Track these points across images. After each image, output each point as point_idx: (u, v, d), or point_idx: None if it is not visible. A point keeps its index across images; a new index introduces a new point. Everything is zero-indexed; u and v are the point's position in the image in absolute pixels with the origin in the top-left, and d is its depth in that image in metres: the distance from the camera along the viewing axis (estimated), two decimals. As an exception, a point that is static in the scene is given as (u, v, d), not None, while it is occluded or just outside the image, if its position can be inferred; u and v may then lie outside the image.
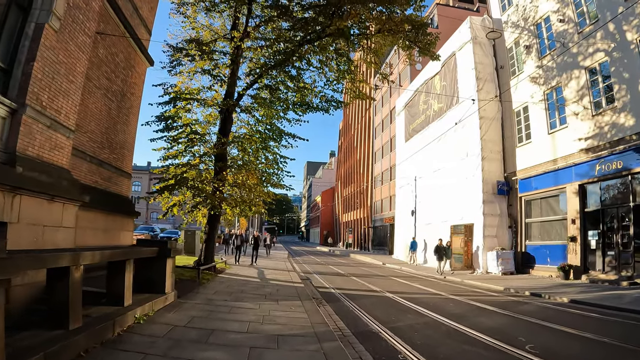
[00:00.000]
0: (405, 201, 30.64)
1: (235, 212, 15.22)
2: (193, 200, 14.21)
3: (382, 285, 14.26)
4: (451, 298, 11.72)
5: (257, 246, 19.91)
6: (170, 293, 7.98)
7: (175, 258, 11.56)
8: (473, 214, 20.86)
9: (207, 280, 12.10)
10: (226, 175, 13.92)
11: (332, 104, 15.29)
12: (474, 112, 21.59)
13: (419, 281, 16.39)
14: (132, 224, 17.54)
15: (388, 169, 42.00)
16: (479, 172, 20.79)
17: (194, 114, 16.58)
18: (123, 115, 16.98)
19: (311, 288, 12.27)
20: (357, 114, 60.38)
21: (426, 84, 28.74)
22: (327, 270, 20.99)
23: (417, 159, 28.58)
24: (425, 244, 28.71)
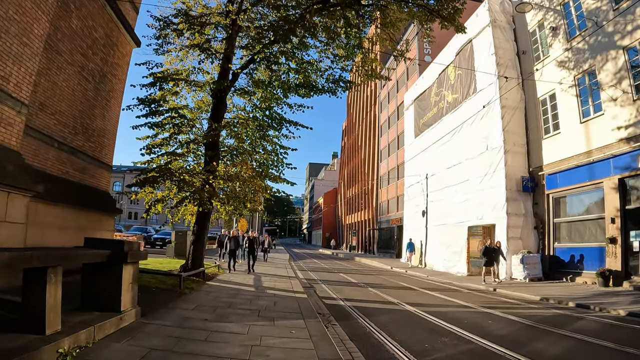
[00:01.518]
0: (415, 201, 28.55)
1: (228, 210, 13.17)
2: (178, 195, 12.17)
3: (398, 294, 12.21)
4: (485, 312, 9.65)
5: (253, 250, 16.71)
6: (128, 311, 5.94)
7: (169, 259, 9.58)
8: (494, 213, 18.77)
9: (191, 289, 10.05)
10: (216, 166, 11.86)
11: (340, 85, 13.27)
12: (494, 100, 19.55)
13: (438, 290, 14.31)
14: (112, 222, 15.49)
15: (395, 168, 39.94)
16: (501, 167, 18.71)
17: (183, 98, 14.61)
18: (102, 99, 14.96)
19: (316, 299, 10.23)
20: (362, 112, 58.37)
21: (438, 74, 26.68)
22: (333, 276, 18.91)
23: (429, 155, 26.52)
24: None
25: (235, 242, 16.70)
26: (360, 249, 53.64)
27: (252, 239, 16.80)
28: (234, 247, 16.56)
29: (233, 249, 16.46)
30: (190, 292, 9.65)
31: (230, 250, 16.35)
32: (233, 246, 16.46)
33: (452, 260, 21.86)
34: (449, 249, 22.38)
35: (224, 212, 13.70)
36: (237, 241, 16.91)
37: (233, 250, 16.45)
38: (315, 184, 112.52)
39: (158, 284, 10.03)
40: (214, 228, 40.44)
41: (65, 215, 12.18)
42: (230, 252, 16.38)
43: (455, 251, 21.66)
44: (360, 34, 12.84)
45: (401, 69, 41.04)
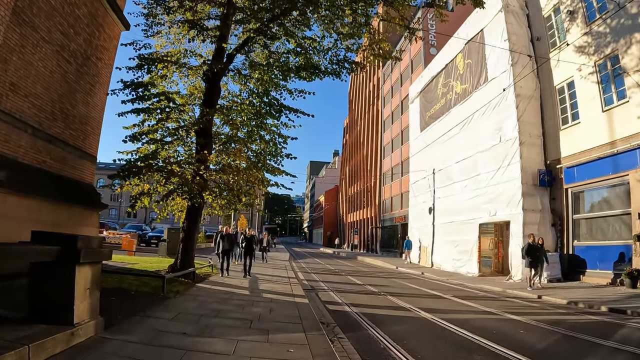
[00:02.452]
0: (421, 197, 27.30)
1: (221, 204, 11.95)
2: (165, 187, 10.95)
3: (409, 298, 10.98)
4: (511, 319, 8.44)
5: (251, 250, 14.28)
6: (85, 324, 4.73)
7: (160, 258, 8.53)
8: (509, 209, 17.53)
9: (177, 293, 8.84)
10: (207, 155, 10.64)
11: (344, 67, 12.03)
12: (508, 88, 18.31)
13: (450, 292, 13.09)
14: (97, 218, 14.26)
15: (399, 164, 38.67)
16: (516, 159, 17.47)
17: (175, 84, 13.41)
18: (86, 84, 13.71)
19: (318, 305, 8.99)
20: (364, 108, 57.09)
21: (446, 65, 25.41)
22: (336, 277, 17.69)
23: (436, 149, 25.26)
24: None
25: (230, 240, 14.21)
26: (362, 247, 52.38)
27: (249, 237, 14.54)
28: (228, 246, 14.08)
29: (227, 249, 14.00)
30: (174, 296, 8.44)
31: (223, 250, 13.85)
32: (227, 245, 14.00)
33: (462, 259, 20.64)
34: (458, 247, 21.15)
35: (217, 207, 12.49)
36: (231, 240, 14.39)
37: (227, 250, 13.99)
38: (316, 182, 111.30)
39: (139, 287, 8.82)
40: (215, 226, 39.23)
41: (41, 209, 10.96)
42: (223, 252, 13.85)
43: (465, 250, 20.43)
44: (368, 10, 11.60)
45: (405, 62, 39.77)
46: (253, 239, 14.93)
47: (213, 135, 12.03)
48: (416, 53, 37.19)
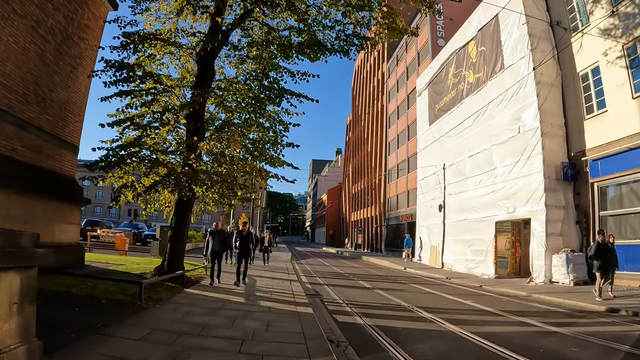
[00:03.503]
0: (430, 194, 25.90)
1: (213, 198, 10.62)
2: (149, 178, 9.61)
3: (429, 306, 9.60)
4: (553, 331, 7.12)
5: (247, 251, 11.12)
6: (11, 350, 3.38)
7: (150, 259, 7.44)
8: (529, 206, 16.14)
9: (158, 300, 7.51)
10: (198, 142, 9.29)
11: (354, 43, 10.65)
12: (527, 75, 16.95)
13: (471, 297, 11.72)
14: (78, 214, 12.95)
15: (405, 160, 37.23)
16: (537, 152, 16.07)
17: (165, 67, 12.07)
18: (66, 65, 12.40)
19: (325, 315, 7.61)
20: (368, 104, 55.65)
21: (456, 54, 24.00)
22: (341, 279, 16.32)
23: (446, 143, 23.85)
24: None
25: (221, 239, 10.92)
26: (366, 247, 50.98)
27: (245, 234, 11.09)
28: (219, 247, 10.87)
29: (217, 250, 10.79)
30: (154, 305, 7.10)
31: (212, 251, 10.68)
32: (217, 246, 10.77)
33: (476, 260, 19.26)
34: (472, 247, 19.78)
35: (210, 201, 11.15)
36: (223, 238, 11.02)
37: (217, 252, 10.76)
38: (319, 181, 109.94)
39: (114, 294, 7.51)
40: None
41: (11, 203, 9.65)
42: (213, 254, 10.70)
43: (479, 250, 19.06)
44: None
45: (412, 55, 38.38)
46: (249, 238, 11.24)
47: (206, 121, 10.66)
48: (423, 45, 35.73)
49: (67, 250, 11.73)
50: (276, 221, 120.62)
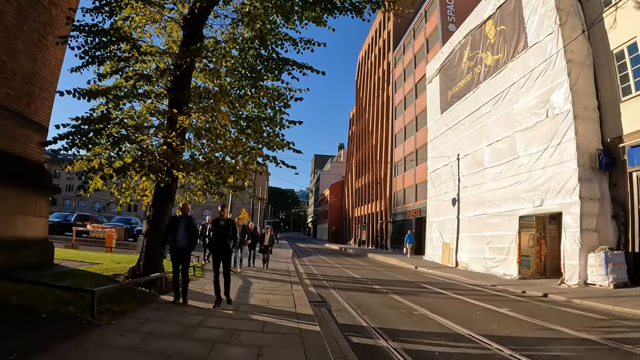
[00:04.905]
0: (442, 187, 24.09)
1: (198, 184, 8.88)
2: (119, 160, 7.88)
3: (461, 317, 7.87)
4: (628, 351, 5.36)
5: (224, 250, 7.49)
6: None
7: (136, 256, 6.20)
8: (560, 198, 14.37)
9: (119, 313, 5.80)
10: (178, 115, 7.54)
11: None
12: (556, 53, 15.16)
13: (504, 302, 9.99)
14: (45, 205, 11.17)
15: (413, 152, 35.38)
16: (569, 137, 14.29)
17: (148, 35, 10.31)
18: (32, 32, 10.53)
19: (335, 334, 5.87)
20: (372, 95, 53.72)
21: (472, 35, 22.16)
22: (349, 281, 14.60)
23: (460, 131, 22.02)
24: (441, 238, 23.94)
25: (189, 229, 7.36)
26: (371, 243, 49.23)
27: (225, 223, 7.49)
28: (186, 241, 7.28)
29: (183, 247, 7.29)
30: (110, 320, 5.39)
31: (173, 248, 7.31)
32: (183, 240, 7.26)
33: (495, 258, 17.52)
34: (491, 244, 18.03)
35: (198, 191, 9.42)
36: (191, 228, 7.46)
37: (183, 249, 7.29)
38: (321, 176, 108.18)
39: (63, 305, 5.77)
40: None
41: (-48, 191, 7.99)
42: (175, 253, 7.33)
43: (500, 247, 17.31)
44: None
45: (420, 42, 36.47)
46: (230, 229, 7.52)
47: (192, 94, 8.88)
48: (432, 31, 33.83)
49: (31, 247, 10.04)
50: (278, 217, 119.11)
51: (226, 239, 7.42)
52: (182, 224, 7.31)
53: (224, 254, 7.50)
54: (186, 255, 7.41)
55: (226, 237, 7.41)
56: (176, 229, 7.24)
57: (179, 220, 7.34)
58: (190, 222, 7.45)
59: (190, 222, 7.45)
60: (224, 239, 7.39)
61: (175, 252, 7.30)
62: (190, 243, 7.35)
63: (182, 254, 7.32)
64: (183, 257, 7.33)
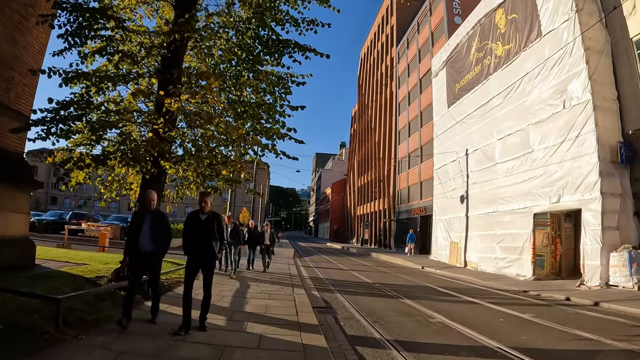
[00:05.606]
0: (449, 184, 23.18)
1: (186, 176, 8.01)
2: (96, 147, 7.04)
3: (486, 326, 7.00)
4: None
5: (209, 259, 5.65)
6: None
7: None
8: (579, 194, 13.48)
9: (93, 323, 4.96)
10: (164, 97, 6.67)
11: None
12: (573, 41, 14.28)
13: (524, 307, 9.13)
14: (25, 200, 10.27)
15: (418, 149, 34.46)
16: (588, 129, 13.41)
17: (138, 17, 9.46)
18: (12, 14, 9.61)
19: (344, 349, 5.01)
20: (375, 92, 52.76)
21: (480, 25, 21.27)
22: (354, 283, 13.74)
23: (469, 126, 21.10)
24: (449, 237, 22.86)
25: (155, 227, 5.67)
26: (374, 242, 48.34)
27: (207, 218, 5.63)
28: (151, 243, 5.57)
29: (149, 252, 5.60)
30: (78, 334, 4.54)
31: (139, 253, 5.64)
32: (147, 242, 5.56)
33: (507, 258, 16.64)
34: (502, 243, 17.15)
35: (191, 184, 8.55)
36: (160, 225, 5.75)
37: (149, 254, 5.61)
38: (323, 175, 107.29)
39: (26, 314, 4.94)
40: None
41: None
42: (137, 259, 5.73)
43: (512, 247, 16.44)
44: None
45: (425, 35, 35.55)
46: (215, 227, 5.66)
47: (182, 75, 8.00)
48: (437, 24, 32.92)
49: (9, 246, 9.17)
50: (279, 216, 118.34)
51: (209, 239, 5.53)
52: (147, 221, 5.59)
53: (206, 260, 5.60)
54: (153, 261, 5.73)
55: (209, 237, 5.54)
56: (138, 228, 5.58)
57: (142, 217, 5.64)
58: (158, 219, 5.71)
59: (158, 219, 5.71)
60: (206, 238, 5.53)
61: (138, 258, 5.64)
62: (157, 246, 5.61)
63: (148, 261, 5.64)
64: (149, 265, 5.69)
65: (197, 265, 5.60)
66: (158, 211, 5.95)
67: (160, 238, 5.64)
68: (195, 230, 5.59)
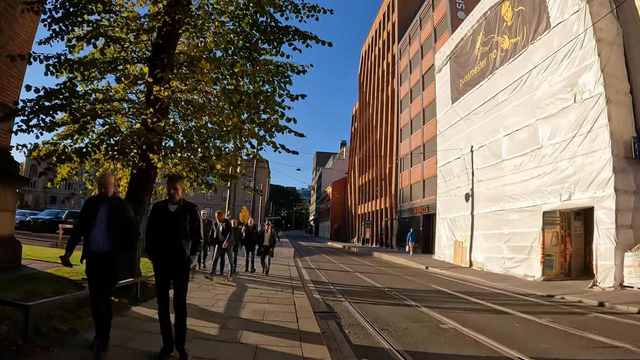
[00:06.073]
0: (454, 182, 22.61)
1: (177, 170, 7.47)
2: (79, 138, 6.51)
3: (502, 333, 6.46)
4: None
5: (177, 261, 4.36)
6: None
7: None
8: (591, 191, 12.94)
9: (71, 333, 4.46)
10: (153, 84, 6.14)
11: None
12: (584, 32, 13.74)
13: (534, 309, 8.60)
14: (11, 197, 9.81)
15: (420, 146, 33.87)
16: (601, 123, 12.86)
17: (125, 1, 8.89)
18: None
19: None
20: (376, 89, 52.19)
21: (485, 18, 20.71)
22: (358, 285, 13.20)
23: (474, 122, 20.53)
24: (454, 236, 22.05)
25: (111, 220, 4.24)
26: (375, 242, 47.80)
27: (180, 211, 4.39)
28: (105, 242, 4.17)
29: (100, 252, 4.17)
30: (50, 344, 4.04)
31: (87, 253, 4.22)
32: (101, 240, 4.17)
33: (515, 258, 16.09)
34: (509, 243, 16.61)
35: (186, 181, 8.00)
36: (120, 217, 4.32)
37: (101, 254, 4.17)
38: (323, 173, 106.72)
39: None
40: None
41: None
42: (89, 262, 4.26)
43: (520, 246, 15.89)
44: None
45: (427, 31, 34.98)
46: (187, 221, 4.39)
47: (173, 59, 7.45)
48: (440, 19, 32.35)
49: (-8, 246, 8.69)
50: (279, 215, 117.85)
51: (180, 237, 4.30)
52: (102, 212, 4.20)
53: (176, 264, 4.33)
54: (107, 266, 4.21)
55: (180, 234, 4.31)
56: (91, 220, 4.19)
57: (96, 206, 4.25)
58: (116, 209, 4.28)
59: (116, 209, 4.28)
60: (175, 236, 4.28)
61: (87, 259, 4.24)
62: (114, 245, 4.20)
63: (100, 264, 4.17)
64: (101, 270, 4.19)
65: (166, 272, 4.39)
66: (116, 198, 4.53)
67: (115, 234, 4.22)
68: (162, 226, 4.35)
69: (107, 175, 4.77)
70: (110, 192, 4.40)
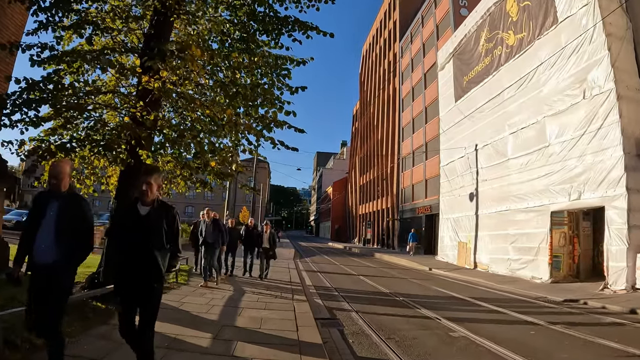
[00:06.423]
0: (457, 182, 22.17)
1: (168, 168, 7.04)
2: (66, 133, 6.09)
3: (517, 341, 6.02)
4: None
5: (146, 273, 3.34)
6: None
7: None
8: (602, 190, 12.50)
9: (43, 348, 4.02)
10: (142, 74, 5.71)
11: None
12: (594, 26, 13.31)
13: (545, 313, 8.15)
14: None
15: (423, 145, 33.41)
16: (612, 120, 12.42)
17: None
18: None
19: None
20: (377, 88, 51.72)
21: (490, 14, 20.27)
22: (361, 288, 12.76)
23: (478, 120, 20.09)
24: (457, 237, 21.57)
25: (61, 216, 3.36)
26: (376, 242, 47.33)
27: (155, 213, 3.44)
28: (48, 249, 3.28)
29: (45, 265, 3.28)
30: (24, 357, 3.61)
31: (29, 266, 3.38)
32: (44, 246, 3.29)
33: (522, 259, 15.65)
34: (516, 243, 16.17)
35: (175, 178, 7.59)
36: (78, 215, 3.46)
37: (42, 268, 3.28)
38: (324, 174, 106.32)
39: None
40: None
41: None
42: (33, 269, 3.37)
43: (527, 247, 15.46)
44: None
45: (429, 29, 34.53)
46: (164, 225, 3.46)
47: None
48: (442, 17, 31.92)
49: (-23, 249, 8.26)
50: (280, 215, 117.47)
51: (152, 246, 3.36)
52: (51, 211, 3.34)
53: (146, 285, 3.36)
54: (54, 282, 3.29)
55: (154, 244, 3.37)
56: (36, 222, 3.33)
57: (45, 204, 3.38)
58: (69, 207, 3.40)
59: (69, 207, 3.40)
60: (145, 245, 3.35)
61: (31, 272, 3.35)
62: (63, 255, 3.30)
63: (43, 280, 3.28)
64: (48, 285, 3.27)
65: (130, 297, 3.36)
66: (71, 193, 3.54)
67: (71, 240, 3.33)
68: (127, 234, 3.38)
69: (60, 162, 3.63)
70: (65, 185, 3.47)
